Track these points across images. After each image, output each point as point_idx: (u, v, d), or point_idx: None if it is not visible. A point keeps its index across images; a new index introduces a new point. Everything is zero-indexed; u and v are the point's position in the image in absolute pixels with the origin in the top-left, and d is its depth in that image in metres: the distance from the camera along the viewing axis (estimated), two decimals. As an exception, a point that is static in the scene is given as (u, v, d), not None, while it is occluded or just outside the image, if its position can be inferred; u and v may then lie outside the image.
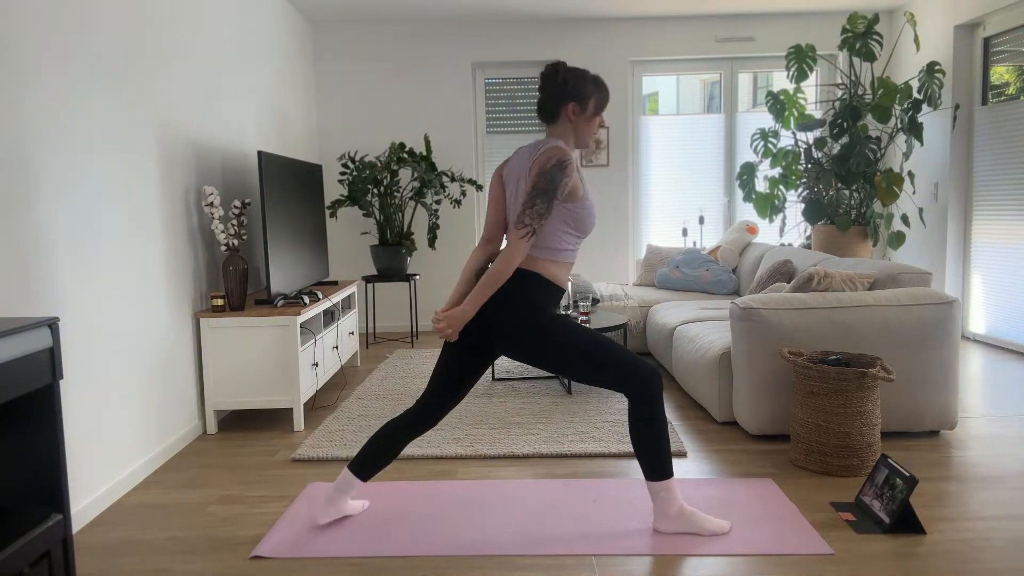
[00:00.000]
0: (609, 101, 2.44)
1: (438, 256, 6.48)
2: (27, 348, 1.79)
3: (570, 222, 2.32)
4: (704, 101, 6.71)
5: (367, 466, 2.50)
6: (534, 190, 2.23)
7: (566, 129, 2.38)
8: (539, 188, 2.22)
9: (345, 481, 2.54)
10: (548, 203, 2.23)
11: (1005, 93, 5.21)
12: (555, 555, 2.33)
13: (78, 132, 2.72)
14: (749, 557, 2.29)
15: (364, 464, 2.50)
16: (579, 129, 2.38)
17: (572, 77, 2.34)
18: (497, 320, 2.32)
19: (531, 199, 2.23)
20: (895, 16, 6.28)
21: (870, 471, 2.75)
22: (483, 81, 6.47)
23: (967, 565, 2.22)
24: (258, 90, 4.78)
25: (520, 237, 2.23)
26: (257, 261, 4.55)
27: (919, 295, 3.31)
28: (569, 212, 2.31)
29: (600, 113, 2.40)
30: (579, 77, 2.35)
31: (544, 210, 2.23)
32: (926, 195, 5.88)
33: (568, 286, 4.43)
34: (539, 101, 2.39)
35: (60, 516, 1.90)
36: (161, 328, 3.32)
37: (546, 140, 2.36)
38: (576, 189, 2.29)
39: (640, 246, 6.63)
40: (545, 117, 2.40)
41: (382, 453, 2.49)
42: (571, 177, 2.25)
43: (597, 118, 2.40)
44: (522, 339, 2.31)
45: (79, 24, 2.75)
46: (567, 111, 2.35)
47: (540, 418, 3.74)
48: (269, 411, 4.07)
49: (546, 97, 2.36)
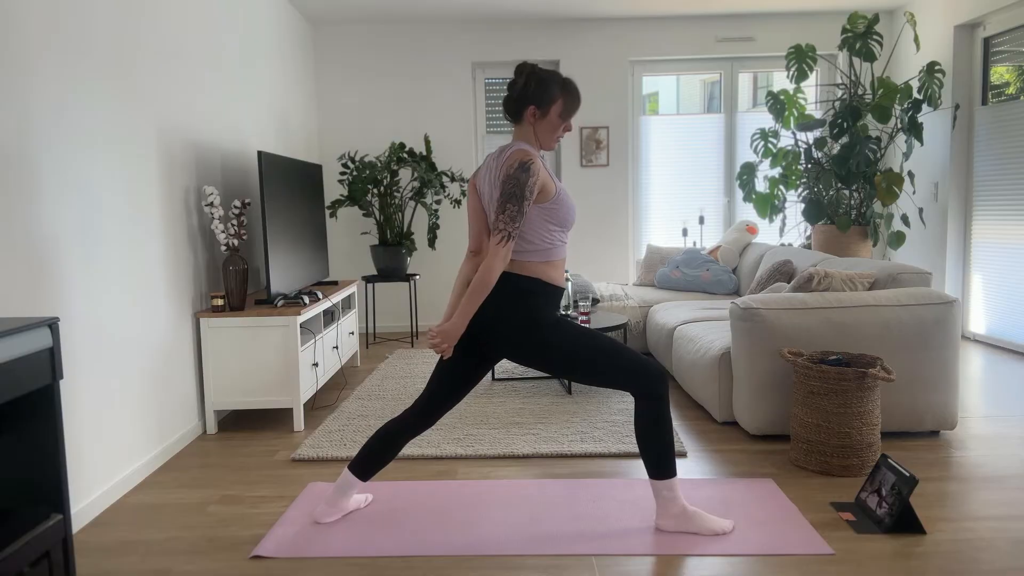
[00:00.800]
0: (579, 106, 2.42)
1: (438, 256, 6.48)
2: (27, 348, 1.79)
3: (551, 219, 2.33)
4: (704, 101, 6.71)
5: (367, 466, 2.51)
6: (503, 196, 2.23)
7: (528, 131, 2.38)
8: (507, 193, 2.23)
9: (345, 481, 2.54)
10: (519, 206, 2.22)
11: (1005, 93, 5.21)
12: (555, 555, 2.33)
13: (78, 132, 2.72)
14: (749, 557, 2.29)
15: (364, 464, 2.51)
16: (540, 132, 2.38)
17: (536, 80, 2.33)
18: (501, 332, 2.32)
19: (502, 205, 2.23)
20: (895, 16, 6.28)
21: (870, 471, 2.75)
22: (483, 81, 6.47)
23: (967, 565, 2.22)
24: (258, 90, 4.78)
25: (497, 243, 2.24)
26: (257, 261, 4.55)
27: (919, 295, 3.31)
28: (547, 210, 2.31)
29: (565, 119, 2.39)
30: (544, 80, 2.33)
31: (516, 213, 2.22)
32: (926, 195, 5.88)
33: (568, 285, 4.43)
34: (504, 99, 2.39)
35: (60, 516, 1.90)
36: (161, 328, 3.33)
37: (510, 144, 2.37)
38: (547, 187, 2.29)
39: (640, 246, 6.63)
40: (510, 117, 2.41)
41: (382, 453, 2.50)
42: (537, 176, 2.25)
43: (560, 122, 2.38)
44: (528, 350, 2.33)
45: (79, 24, 2.75)
46: (528, 113, 2.35)
47: (540, 418, 3.74)
48: (269, 411, 4.07)
49: (509, 97, 2.37)
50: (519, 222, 2.23)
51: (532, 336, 2.31)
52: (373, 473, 2.52)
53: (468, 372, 2.44)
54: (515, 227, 2.23)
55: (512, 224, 2.22)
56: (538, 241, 2.33)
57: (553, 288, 2.37)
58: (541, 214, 2.31)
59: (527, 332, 2.31)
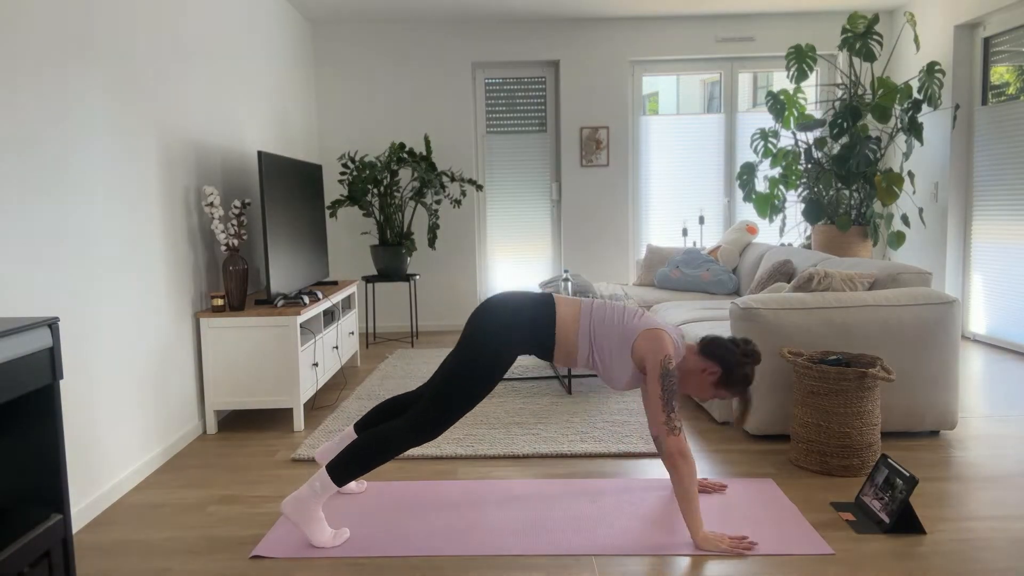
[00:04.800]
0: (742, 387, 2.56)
1: (438, 256, 6.48)
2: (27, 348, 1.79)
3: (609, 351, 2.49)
4: (704, 101, 6.71)
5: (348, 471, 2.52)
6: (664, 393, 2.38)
7: (689, 369, 2.53)
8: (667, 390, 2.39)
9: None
10: (672, 393, 2.39)
11: (1005, 93, 5.21)
12: (555, 555, 2.33)
13: (78, 132, 2.72)
14: (749, 557, 2.29)
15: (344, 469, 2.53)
16: (689, 380, 2.54)
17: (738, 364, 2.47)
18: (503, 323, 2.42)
19: (666, 402, 2.37)
20: (895, 16, 6.28)
21: (870, 471, 2.75)
22: (483, 81, 6.47)
23: (967, 565, 2.22)
24: (258, 90, 4.78)
25: (671, 435, 2.37)
26: (257, 261, 4.55)
27: (919, 295, 3.31)
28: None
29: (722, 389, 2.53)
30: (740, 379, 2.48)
31: (673, 396, 2.39)
32: (926, 195, 5.89)
33: (568, 285, 4.43)
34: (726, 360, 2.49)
35: (60, 516, 1.90)
36: (161, 328, 3.32)
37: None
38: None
39: (640, 246, 6.63)
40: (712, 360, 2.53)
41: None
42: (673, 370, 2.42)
43: (712, 390, 2.54)
44: (486, 337, 2.39)
45: (79, 24, 2.75)
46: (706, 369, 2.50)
47: (540, 418, 3.74)
48: (269, 411, 4.07)
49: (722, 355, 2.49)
50: (676, 396, 2.41)
51: (500, 339, 2.40)
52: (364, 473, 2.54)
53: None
54: (676, 402, 2.42)
55: (676, 410, 2.41)
56: (591, 336, 2.49)
57: (554, 339, 2.48)
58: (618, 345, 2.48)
59: (501, 337, 2.40)
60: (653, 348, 2.39)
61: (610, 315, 2.48)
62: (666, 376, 2.36)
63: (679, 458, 2.33)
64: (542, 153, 6.52)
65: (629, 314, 2.49)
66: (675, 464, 2.34)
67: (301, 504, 2.40)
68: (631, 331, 2.44)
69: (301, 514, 2.40)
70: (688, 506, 2.34)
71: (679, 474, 2.33)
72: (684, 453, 2.34)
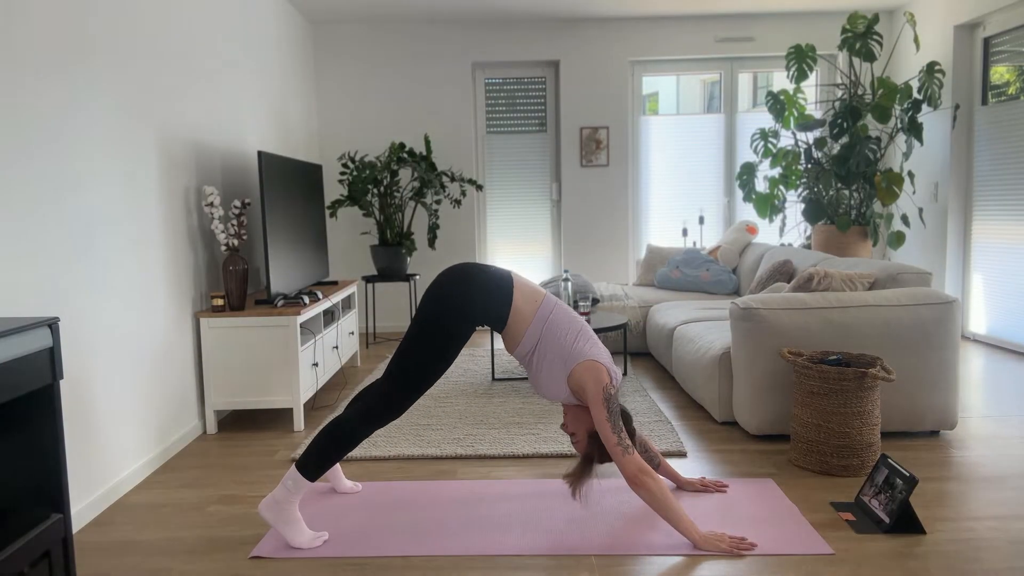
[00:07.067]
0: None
1: (438, 256, 6.48)
2: (27, 348, 1.79)
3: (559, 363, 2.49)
4: (704, 101, 6.71)
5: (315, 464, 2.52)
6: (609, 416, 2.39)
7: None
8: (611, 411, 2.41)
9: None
10: (616, 415, 2.40)
11: (1005, 93, 5.21)
12: (555, 555, 2.33)
13: (78, 132, 2.72)
14: (749, 557, 2.29)
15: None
16: (584, 413, 2.58)
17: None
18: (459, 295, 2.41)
19: (613, 424, 2.38)
20: (895, 16, 6.28)
21: (870, 471, 2.75)
22: (483, 81, 6.47)
23: (967, 565, 2.22)
24: (258, 90, 4.78)
25: (626, 455, 2.36)
26: (257, 261, 4.55)
27: (919, 295, 3.31)
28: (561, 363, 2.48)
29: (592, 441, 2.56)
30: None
31: (618, 418, 2.41)
32: (926, 195, 5.89)
33: (567, 285, 4.42)
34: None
35: (60, 516, 1.91)
36: (161, 328, 3.33)
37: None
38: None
39: (640, 246, 6.63)
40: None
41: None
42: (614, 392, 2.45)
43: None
44: (441, 312, 2.38)
45: (79, 24, 2.75)
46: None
47: (540, 418, 3.74)
48: (269, 411, 4.07)
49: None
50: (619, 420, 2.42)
51: (454, 316, 2.38)
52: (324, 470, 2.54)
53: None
54: (623, 428, 2.42)
55: (623, 431, 2.42)
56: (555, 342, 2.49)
57: (510, 319, 2.47)
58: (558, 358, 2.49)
59: (456, 312, 2.38)
60: (594, 377, 2.40)
61: (563, 329, 2.47)
62: (609, 399, 2.38)
63: (641, 475, 2.31)
64: (542, 153, 6.53)
65: (583, 337, 2.48)
66: (641, 482, 2.31)
67: (277, 505, 2.41)
68: (577, 355, 2.44)
69: (278, 515, 2.41)
70: (673, 515, 2.32)
71: (649, 491, 2.31)
72: (643, 468, 2.32)
